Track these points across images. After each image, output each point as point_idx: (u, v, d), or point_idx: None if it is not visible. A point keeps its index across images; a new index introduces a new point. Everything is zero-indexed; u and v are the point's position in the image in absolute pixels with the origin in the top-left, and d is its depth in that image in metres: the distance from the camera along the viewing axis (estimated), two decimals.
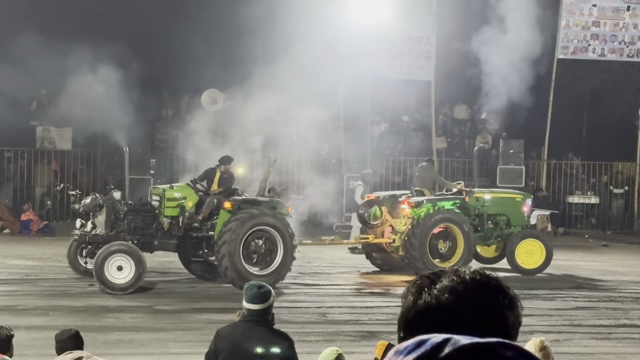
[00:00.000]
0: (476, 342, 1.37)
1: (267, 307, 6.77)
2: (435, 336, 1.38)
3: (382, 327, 13.70)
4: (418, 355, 1.36)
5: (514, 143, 27.51)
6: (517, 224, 19.56)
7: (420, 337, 1.39)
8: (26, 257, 19.91)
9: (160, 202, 16.95)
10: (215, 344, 6.95)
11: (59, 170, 27.13)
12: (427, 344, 1.37)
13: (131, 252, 15.86)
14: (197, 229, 16.96)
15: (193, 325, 13.42)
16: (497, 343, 1.39)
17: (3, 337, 7.02)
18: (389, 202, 19.05)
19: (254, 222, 16.57)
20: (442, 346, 1.36)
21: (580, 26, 28.40)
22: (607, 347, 12.89)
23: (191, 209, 16.95)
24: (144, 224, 16.85)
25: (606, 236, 27.69)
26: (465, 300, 1.60)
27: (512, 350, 1.38)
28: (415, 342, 1.38)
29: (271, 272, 16.68)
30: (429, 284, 1.66)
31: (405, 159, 28.30)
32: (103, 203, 16.71)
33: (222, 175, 17.37)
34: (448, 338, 1.37)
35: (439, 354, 1.35)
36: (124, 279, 15.73)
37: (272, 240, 16.76)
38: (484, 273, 1.71)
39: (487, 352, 1.36)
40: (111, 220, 16.61)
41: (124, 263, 15.75)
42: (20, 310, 14.25)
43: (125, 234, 16.51)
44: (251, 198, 17.18)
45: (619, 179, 29.62)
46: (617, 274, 19.96)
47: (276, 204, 16.99)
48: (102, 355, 7.70)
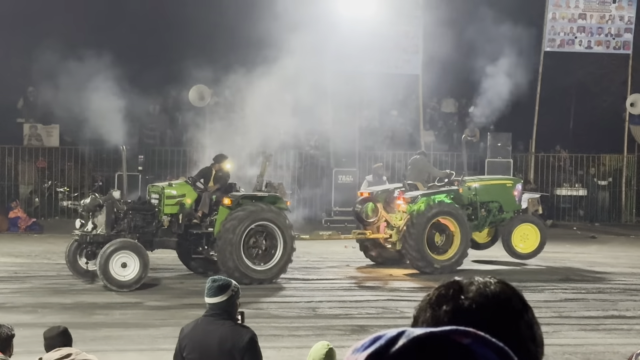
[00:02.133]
0: (430, 331, 1.36)
1: (224, 300, 6.65)
2: (391, 331, 1.37)
3: (372, 321, 13.72)
4: (373, 350, 1.35)
5: (501, 136, 27.57)
6: (509, 209, 19.79)
7: (377, 334, 1.39)
8: (14, 255, 19.84)
9: (160, 200, 16.98)
10: (179, 342, 6.91)
11: (46, 167, 27.05)
12: (382, 339, 1.36)
13: (135, 248, 15.91)
14: (197, 226, 17.00)
15: (183, 321, 13.32)
16: (453, 330, 1.37)
17: (3, 336, 6.97)
18: (382, 197, 19.12)
19: (253, 218, 16.63)
20: (396, 339, 1.35)
21: (566, 19, 28.46)
22: (595, 338, 12.94)
23: (190, 206, 16.98)
24: (144, 223, 16.88)
25: (594, 228, 27.78)
26: (488, 311, 1.62)
27: (469, 337, 1.36)
28: (372, 339, 1.38)
29: (272, 266, 16.79)
30: (458, 290, 1.66)
31: (393, 152, 28.32)
32: (103, 203, 16.71)
33: (217, 173, 17.43)
34: (403, 331, 1.36)
35: (393, 347, 1.34)
36: (128, 275, 15.77)
37: (272, 235, 16.85)
38: (506, 284, 1.72)
39: (442, 340, 1.35)
40: (111, 219, 16.60)
41: (128, 260, 15.80)
42: (9, 307, 14.21)
43: (125, 233, 16.51)
44: (250, 194, 17.22)
45: (602, 170, 29.71)
46: (605, 265, 20.03)
47: (275, 199, 17.06)
48: (91, 351, 7.68)
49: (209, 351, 6.66)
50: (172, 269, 17.89)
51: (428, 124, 30.24)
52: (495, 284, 1.69)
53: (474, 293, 1.65)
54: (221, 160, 17.55)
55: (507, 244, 19.66)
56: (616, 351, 11.92)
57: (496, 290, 1.67)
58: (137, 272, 15.79)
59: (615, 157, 29.94)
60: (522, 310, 1.67)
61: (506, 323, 1.63)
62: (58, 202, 26.81)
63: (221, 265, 16.49)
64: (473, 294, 1.65)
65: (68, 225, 24.62)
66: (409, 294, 16.20)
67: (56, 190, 26.85)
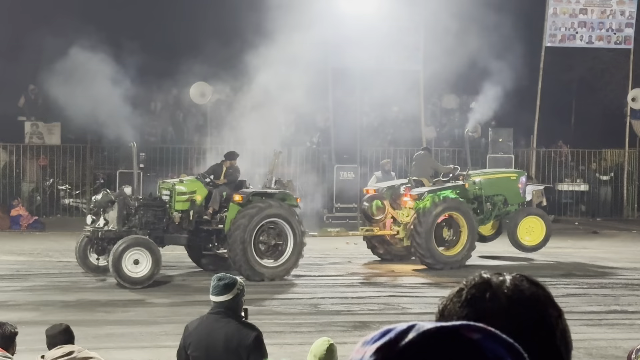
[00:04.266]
0: (440, 325, 1.36)
1: (230, 299, 6.66)
2: (401, 324, 1.37)
3: (374, 317, 13.72)
4: (382, 343, 1.35)
5: (503, 132, 27.56)
6: (514, 202, 19.87)
7: (386, 327, 1.38)
8: (16, 253, 19.86)
9: (171, 197, 17.00)
10: (184, 339, 6.92)
11: (47, 165, 27.05)
12: (392, 332, 1.36)
13: (147, 245, 15.95)
14: (207, 223, 17.03)
15: (186, 318, 13.31)
16: (463, 325, 1.37)
17: (7, 334, 6.99)
18: (388, 194, 19.17)
19: (264, 215, 16.67)
20: (406, 332, 1.34)
21: (567, 14, 28.43)
22: (598, 333, 12.94)
23: (201, 203, 17.01)
24: (155, 219, 16.91)
25: (596, 223, 27.76)
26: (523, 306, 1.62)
27: (480, 332, 1.36)
28: (382, 332, 1.37)
29: (283, 263, 16.83)
30: (490, 291, 1.65)
31: (395, 149, 28.31)
32: (114, 199, 16.73)
33: (227, 170, 17.43)
34: (413, 325, 1.36)
35: (403, 340, 1.33)
36: (141, 272, 15.82)
37: (283, 232, 16.88)
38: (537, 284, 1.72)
39: (452, 335, 1.35)
40: (123, 215, 16.62)
41: (140, 257, 15.84)
42: (11, 305, 14.22)
43: (137, 229, 16.54)
44: (261, 190, 17.25)
45: (603, 166, 29.69)
46: (607, 260, 20.02)
47: (285, 196, 17.11)
48: (93, 349, 7.69)
49: (215, 349, 6.66)
50: (175, 266, 17.89)
51: (429, 120, 30.22)
52: (528, 286, 1.68)
53: (508, 293, 1.64)
54: (232, 158, 17.57)
55: (513, 237, 19.69)
56: (618, 346, 11.92)
57: (530, 293, 1.67)
58: (149, 269, 15.86)
59: (616, 152, 29.91)
60: (557, 317, 1.66)
61: (540, 329, 1.62)
62: (60, 200, 26.82)
63: (232, 262, 16.53)
64: (507, 294, 1.64)
65: (70, 223, 24.67)
66: (412, 290, 16.21)
67: (58, 188, 26.87)
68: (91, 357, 6.86)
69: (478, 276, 1.68)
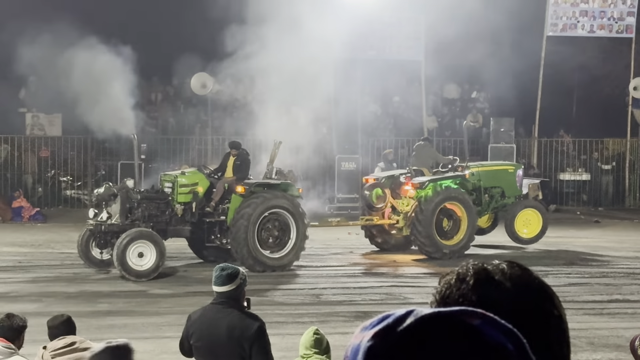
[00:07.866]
0: (439, 311, 1.35)
1: (233, 289, 6.65)
2: (399, 310, 1.36)
3: (376, 307, 13.72)
4: (380, 328, 1.34)
5: (504, 121, 27.53)
6: (511, 195, 19.90)
7: (385, 313, 1.38)
8: (18, 244, 19.87)
9: (173, 189, 16.98)
10: (186, 329, 6.91)
11: (49, 156, 27.06)
12: (390, 317, 1.35)
13: (151, 238, 15.95)
14: (210, 214, 17.01)
15: (187, 309, 13.32)
16: (462, 311, 1.36)
17: (15, 326, 6.95)
18: (388, 183, 19.19)
19: (267, 206, 16.66)
20: (404, 318, 1.34)
21: (569, 3, 28.36)
22: (600, 322, 12.94)
23: (203, 195, 16.99)
24: (157, 211, 16.89)
25: (598, 212, 27.75)
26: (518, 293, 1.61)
27: (478, 318, 1.35)
28: (380, 317, 1.37)
29: (286, 254, 16.83)
30: (486, 279, 1.64)
31: (396, 139, 28.29)
32: (117, 192, 16.70)
33: (235, 162, 17.35)
34: (411, 310, 1.35)
35: (401, 325, 1.33)
36: (145, 265, 15.83)
37: (285, 223, 16.88)
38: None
39: (450, 320, 1.34)
40: (126, 208, 16.60)
41: (145, 249, 15.84)
42: (13, 297, 14.24)
43: (140, 222, 16.52)
44: (263, 181, 17.24)
45: (604, 155, 29.67)
46: (609, 249, 20.03)
47: (287, 187, 17.10)
48: (95, 340, 7.69)
49: (218, 339, 6.66)
50: (176, 257, 17.90)
51: (431, 110, 30.20)
52: (521, 272, 1.67)
53: (507, 278, 1.63)
54: (237, 146, 17.54)
55: (510, 230, 19.73)
56: (620, 335, 11.92)
57: (526, 278, 1.66)
58: (154, 261, 15.86)
59: (618, 141, 29.89)
60: (552, 303, 1.65)
61: (539, 315, 1.61)
62: (61, 192, 26.84)
63: (235, 253, 16.53)
64: (509, 279, 1.63)
65: (71, 214, 24.70)
66: (413, 280, 16.22)
67: (59, 179, 26.88)
68: (93, 347, 6.86)
69: (473, 263, 1.67)
